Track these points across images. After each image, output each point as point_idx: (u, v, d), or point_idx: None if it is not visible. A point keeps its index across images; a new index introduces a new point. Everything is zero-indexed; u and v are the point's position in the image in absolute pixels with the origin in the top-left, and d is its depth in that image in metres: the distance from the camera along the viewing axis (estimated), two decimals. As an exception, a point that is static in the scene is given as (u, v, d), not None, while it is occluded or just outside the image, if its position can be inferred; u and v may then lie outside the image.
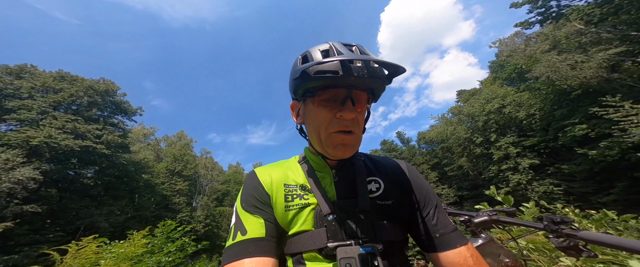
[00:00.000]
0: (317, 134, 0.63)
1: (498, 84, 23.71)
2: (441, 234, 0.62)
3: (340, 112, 0.58)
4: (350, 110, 0.57)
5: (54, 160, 14.81)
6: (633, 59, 10.97)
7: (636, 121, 9.45)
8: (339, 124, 0.59)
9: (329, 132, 0.60)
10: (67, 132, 15.23)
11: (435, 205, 0.68)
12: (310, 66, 0.54)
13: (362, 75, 0.54)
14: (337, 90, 0.60)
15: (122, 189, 19.66)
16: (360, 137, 0.65)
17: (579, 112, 13.57)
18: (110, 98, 19.46)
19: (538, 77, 14.78)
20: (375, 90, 0.63)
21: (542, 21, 15.71)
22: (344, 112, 0.57)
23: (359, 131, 0.63)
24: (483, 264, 0.59)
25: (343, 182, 0.67)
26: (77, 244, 3.13)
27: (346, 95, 0.59)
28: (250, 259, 0.54)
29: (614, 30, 11.38)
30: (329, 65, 0.54)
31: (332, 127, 0.60)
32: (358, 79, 0.54)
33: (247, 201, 0.66)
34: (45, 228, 13.35)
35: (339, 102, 0.60)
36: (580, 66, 12.45)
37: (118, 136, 18.63)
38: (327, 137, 0.61)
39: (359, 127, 0.63)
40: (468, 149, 22.73)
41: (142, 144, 29.97)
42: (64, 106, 16.89)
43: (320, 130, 0.62)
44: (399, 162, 0.77)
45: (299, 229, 0.61)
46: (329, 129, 0.60)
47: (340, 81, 0.55)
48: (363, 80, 0.55)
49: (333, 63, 0.54)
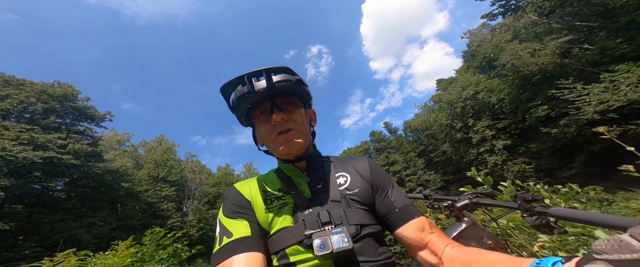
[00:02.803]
0: (268, 143, 0.75)
1: (471, 72, 25.10)
2: (400, 208, 0.71)
3: (272, 119, 0.70)
4: (277, 114, 0.69)
5: (13, 174, 13.41)
6: (580, 46, 12.29)
7: (588, 100, 10.64)
8: (277, 128, 0.71)
9: (272, 138, 0.72)
10: (24, 143, 13.76)
11: (392, 186, 0.78)
12: (231, 100, 0.73)
13: (264, 87, 0.67)
14: (263, 105, 0.73)
15: (100, 199, 18.34)
16: (303, 132, 0.75)
17: (540, 94, 14.87)
18: (70, 103, 17.68)
19: (504, 64, 15.98)
20: (292, 92, 0.75)
21: (503, 13, 17.03)
22: (273, 117, 0.69)
23: (299, 128, 0.73)
24: (437, 229, 0.67)
25: (315, 181, 0.76)
26: (52, 259, 2.92)
27: (271, 105, 0.72)
28: (239, 256, 0.56)
29: (562, 20, 12.67)
30: (240, 91, 0.70)
31: (274, 132, 0.71)
32: (266, 90, 0.68)
33: (229, 209, 0.70)
34: (18, 245, 12.27)
35: (268, 113, 0.73)
36: (538, 53, 13.72)
37: (86, 144, 17.13)
38: (273, 142, 0.72)
39: (297, 124, 0.73)
40: (449, 134, 23.86)
41: (118, 152, 27.96)
42: (15, 114, 15.18)
43: (268, 140, 0.74)
44: (361, 158, 0.88)
45: (280, 226, 0.66)
46: (272, 135, 0.72)
47: (255, 97, 0.69)
48: (270, 90, 0.68)
49: (241, 89, 0.70)
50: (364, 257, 0.61)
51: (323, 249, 0.55)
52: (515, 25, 15.48)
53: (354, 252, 0.61)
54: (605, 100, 10.00)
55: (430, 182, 27.52)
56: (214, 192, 34.12)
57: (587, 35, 11.95)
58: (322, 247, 0.55)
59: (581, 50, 12.27)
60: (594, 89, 10.51)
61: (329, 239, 0.57)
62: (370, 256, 0.62)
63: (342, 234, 0.58)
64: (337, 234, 0.58)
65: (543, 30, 13.59)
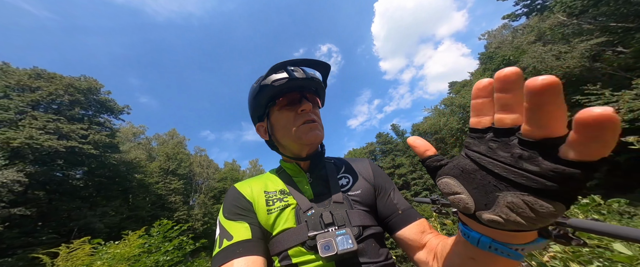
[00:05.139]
0: (288, 132, 0.72)
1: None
2: (403, 210, 0.71)
3: (300, 107, 0.70)
4: (307, 104, 0.71)
5: (38, 162, 14.26)
6: (613, 49, 11.46)
7: (616, 108, 9.90)
8: (303, 117, 0.71)
9: (297, 126, 0.71)
10: (50, 133, 14.64)
11: (393, 188, 0.78)
12: (266, 81, 0.71)
13: (303, 77, 0.71)
14: (292, 94, 0.73)
15: (114, 189, 19.22)
16: (322, 128, 0.76)
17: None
18: (93, 96, 18.70)
19: (525, 67, 15.14)
20: (318, 91, 0.79)
21: (528, 13, 16.08)
22: (303, 106, 0.70)
23: (320, 123, 0.75)
24: (434, 230, 0.67)
25: (317, 182, 0.76)
26: (68, 246, 3.03)
27: (301, 95, 0.73)
28: (239, 259, 0.55)
29: (595, 21, 11.85)
30: (279, 75, 0.70)
31: (298, 121, 0.71)
32: (302, 80, 0.71)
33: (230, 210, 0.69)
34: (37, 231, 13.02)
35: (296, 103, 0.73)
36: (564, 56, 12.89)
37: (105, 135, 18.03)
38: (296, 130, 0.71)
39: (319, 119, 0.76)
40: (460, 139, 23.29)
41: (133, 144, 29.19)
42: (44, 105, 16.13)
43: (290, 128, 0.72)
44: (363, 160, 0.88)
45: (282, 228, 0.65)
46: (296, 123, 0.71)
47: (291, 84, 0.70)
48: (305, 81, 0.71)
49: (281, 73, 0.71)
50: (365, 258, 0.61)
51: (328, 250, 0.55)
52: (539, 26, 14.67)
53: (357, 253, 0.61)
54: (636, 109, 9.30)
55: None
56: (219, 187, 34.92)
57: (622, 37, 11.12)
58: (327, 249, 0.55)
59: (614, 53, 11.44)
60: (624, 95, 9.76)
61: (334, 240, 0.57)
62: (372, 257, 0.62)
63: (346, 236, 0.58)
64: (341, 235, 0.58)
65: (572, 31, 12.76)
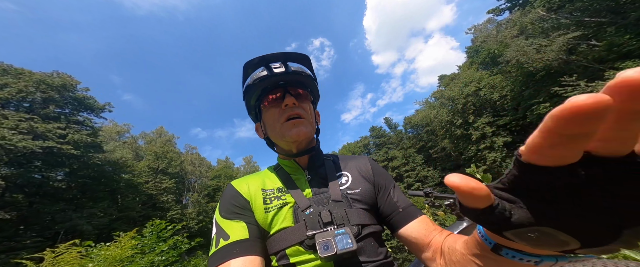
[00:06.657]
0: (276, 129, 0.73)
1: (474, 68, 24.86)
2: (403, 208, 0.70)
3: (283, 103, 0.70)
4: (289, 98, 0.70)
5: (13, 164, 13.44)
6: (587, 43, 12.09)
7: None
8: (286, 112, 0.71)
9: (281, 122, 0.71)
10: (23, 133, 13.73)
11: (394, 186, 0.77)
12: (248, 81, 0.73)
13: (282, 71, 0.69)
14: (276, 91, 0.73)
15: (100, 190, 18.46)
16: (311, 122, 0.75)
17: (543, 91, 14.80)
18: (69, 93, 17.55)
19: (508, 60, 15.74)
20: (305, 84, 0.76)
21: (510, 8, 16.58)
22: (286, 101, 0.70)
23: (307, 117, 0.74)
24: (437, 226, 0.67)
25: (316, 180, 0.74)
26: (54, 251, 2.89)
27: (283, 92, 0.73)
28: (236, 260, 0.54)
29: (571, 16, 12.41)
30: (260, 73, 0.71)
31: (282, 117, 0.71)
32: (282, 75, 0.69)
33: (227, 209, 0.68)
34: (19, 235, 12.42)
35: (279, 99, 0.73)
36: (544, 50, 13.53)
37: (86, 134, 17.10)
38: (281, 126, 0.71)
39: (306, 113, 0.74)
40: (449, 131, 23.90)
41: (117, 143, 27.95)
42: (14, 103, 15.05)
43: (276, 124, 0.72)
44: (363, 157, 0.87)
45: (280, 226, 0.64)
46: (280, 120, 0.71)
47: (274, 80, 0.71)
48: (286, 75, 0.70)
49: (260, 70, 0.71)
50: (364, 257, 0.61)
51: (327, 250, 0.54)
52: (521, 20, 15.20)
53: (356, 252, 0.60)
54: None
55: (428, 178, 27.77)
56: (213, 185, 34.37)
57: (595, 31, 11.73)
58: (326, 249, 0.55)
59: (588, 46, 12.08)
60: (597, 86, 10.40)
61: (333, 240, 0.56)
62: (371, 256, 0.62)
63: (346, 235, 0.57)
64: (341, 234, 0.57)
65: (551, 25, 13.35)
